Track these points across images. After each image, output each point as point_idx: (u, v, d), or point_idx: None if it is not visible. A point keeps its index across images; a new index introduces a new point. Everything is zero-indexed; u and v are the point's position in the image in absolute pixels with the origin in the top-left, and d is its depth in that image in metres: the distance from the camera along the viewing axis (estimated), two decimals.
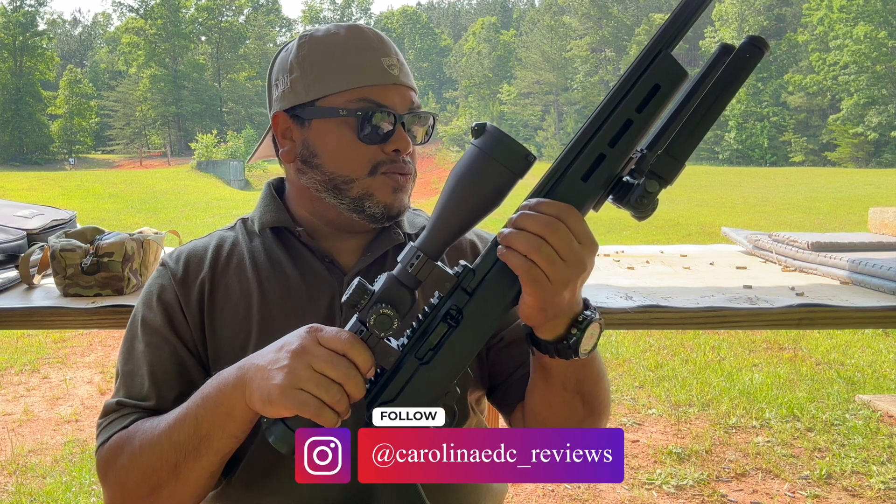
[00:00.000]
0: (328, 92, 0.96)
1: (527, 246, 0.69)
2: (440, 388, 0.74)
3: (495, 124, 0.72)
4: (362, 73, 0.95)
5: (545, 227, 0.69)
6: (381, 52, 0.97)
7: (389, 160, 0.96)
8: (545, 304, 0.72)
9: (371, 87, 0.95)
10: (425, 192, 26.82)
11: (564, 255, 0.70)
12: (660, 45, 0.69)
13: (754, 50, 0.70)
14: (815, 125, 41.21)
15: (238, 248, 1.03)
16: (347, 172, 0.96)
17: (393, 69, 0.97)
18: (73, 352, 4.99)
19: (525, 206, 0.72)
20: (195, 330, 0.97)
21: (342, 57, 0.96)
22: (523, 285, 0.71)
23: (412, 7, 73.43)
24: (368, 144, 0.95)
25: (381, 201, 0.96)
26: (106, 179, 27.80)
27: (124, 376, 0.97)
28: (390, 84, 0.96)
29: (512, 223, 0.71)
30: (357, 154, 0.95)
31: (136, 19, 52.77)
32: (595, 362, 0.86)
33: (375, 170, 0.95)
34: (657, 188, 0.69)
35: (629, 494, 2.73)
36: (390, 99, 0.96)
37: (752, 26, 43.87)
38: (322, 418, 0.72)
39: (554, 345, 0.77)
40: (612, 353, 4.73)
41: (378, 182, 0.96)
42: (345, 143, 0.95)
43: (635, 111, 0.69)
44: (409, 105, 0.98)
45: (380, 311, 0.72)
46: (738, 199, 18.11)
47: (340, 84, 0.95)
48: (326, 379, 0.72)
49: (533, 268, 0.70)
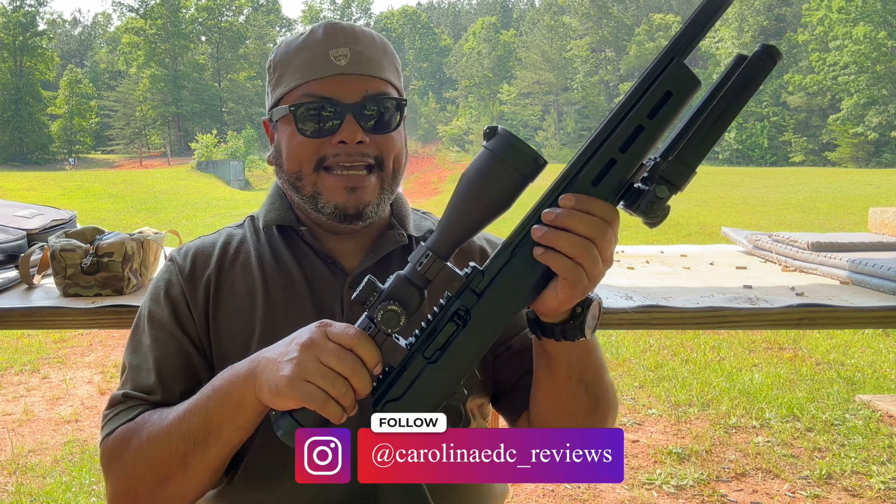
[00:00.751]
0: (284, 91, 0.97)
1: (576, 249, 0.70)
2: (447, 388, 0.75)
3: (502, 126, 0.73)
4: (307, 67, 0.95)
5: (595, 230, 0.70)
6: (330, 44, 0.95)
7: (334, 153, 0.94)
8: (576, 299, 0.73)
9: (314, 81, 0.94)
10: (425, 192, 26.87)
11: (607, 257, 0.71)
12: (673, 52, 0.69)
13: (767, 58, 0.70)
14: (815, 125, 41.21)
15: (245, 246, 1.03)
16: (297, 168, 0.96)
17: (339, 59, 0.94)
18: (73, 352, 4.99)
19: (571, 205, 0.70)
20: (200, 326, 0.98)
21: (297, 55, 0.97)
22: (562, 285, 0.72)
23: (412, 7, 73.44)
24: (312, 138, 0.94)
25: (331, 201, 0.95)
26: (106, 179, 27.80)
27: (131, 369, 0.97)
28: (334, 75, 0.94)
29: (554, 222, 0.70)
30: (302, 149, 0.95)
31: (136, 19, 52.78)
32: (596, 351, 0.87)
33: (320, 164, 0.95)
34: (667, 194, 0.70)
35: (629, 494, 2.73)
36: (333, 90, 0.94)
37: (752, 26, 43.88)
38: (327, 411, 0.72)
39: (561, 326, 0.78)
40: (612, 353, 4.73)
41: (325, 180, 0.95)
42: (292, 140, 0.96)
43: (647, 117, 0.69)
44: (361, 94, 0.94)
45: (387, 307, 0.72)
46: (738, 199, 18.11)
47: (291, 82, 0.96)
48: (333, 372, 0.73)
49: (578, 269, 0.70)
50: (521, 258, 0.73)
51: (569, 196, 0.70)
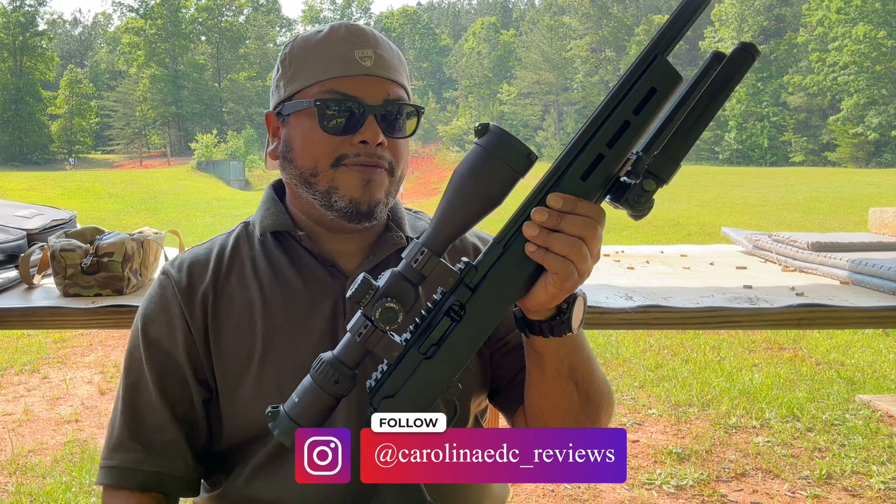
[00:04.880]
0: (302, 86, 0.96)
1: (569, 248, 0.72)
2: (442, 383, 0.75)
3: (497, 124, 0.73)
4: (331, 64, 0.95)
5: (586, 230, 0.72)
6: (355, 45, 0.95)
7: (354, 152, 0.94)
8: (565, 294, 0.75)
9: (339, 79, 0.94)
10: (425, 193, 26.84)
11: (595, 253, 0.74)
12: (656, 49, 0.71)
13: (745, 55, 0.72)
14: (815, 125, 41.19)
15: (239, 255, 1.02)
16: (313, 164, 0.95)
17: (365, 60, 0.95)
18: (73, 352, 4.99)
19: (559, 206, 0.72)
20: (199, 341, 0.97)
21: (317, 51, 0.96)
22: (554, 281, 0.74)
23: (412, 7, 73.37)
24: (333, 135, 0.94)
25: (347, 194, 0.94)
26: (106, 179, 27.78)
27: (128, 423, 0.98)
28: (360, 75, 0.94)
29: (546, 223, 0.72)
30: (322, 145, 0.94)
31: (136, 19, 52.73)
32: (584, 346, 0.88)
33: (339, 161, 0.94)
34: (654, 187, 0.72)
35: (629, 494, 2.73)
36: (359, 89, 0.94)
37: (752, 26, 43.87)
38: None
39: (548, 323, 0.79)
40: (612, 353, 4.73)
41: (342, 174, 0.94)
42: (311, 135, 0.95)
43: (632, 113, 0.71)
44: (384, 96, 0.95)
45: (385, 304, 0.72)
46: (738, 199, 18.11)
47: (312, 77, 0.95)
48: None
49: (569, 266, 0.73)
50: (513, 254, 0.74)
51: (557, 196, 0.72)
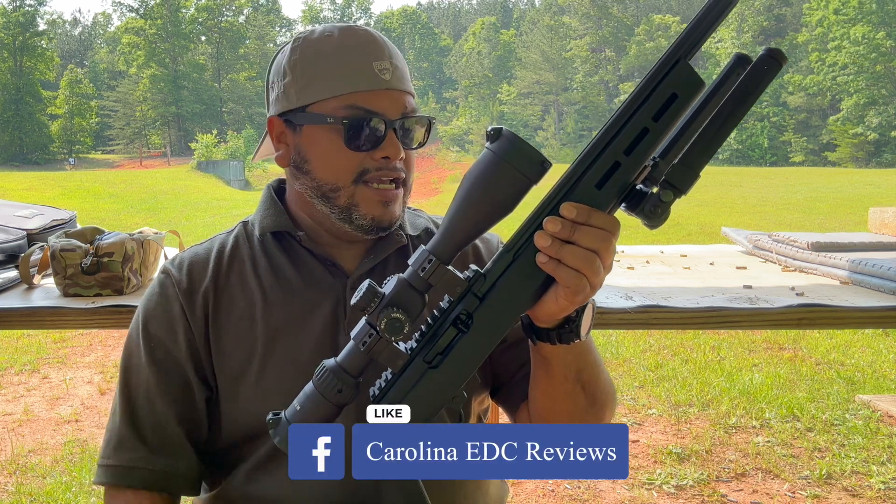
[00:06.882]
0: (318, 98, 0.94)
1: (581, 262, 0.70)
2: (447, 393, 0.73)
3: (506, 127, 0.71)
4: (352, 78, 0.93)
5: (600, 243, 0.70)
6: (373, 56, 0.94)
7: (377, 167, 0.93)
8: (576, 306, 0.74)
9: (360, 94, 0.93)
10: (425, 193, 26.83)
11: (608, 265, 0.72)
12: (678, 53, 0.68)
13: (772, 62, 0.69)
14: (815, 125, 41.21)
15: (239, 255, 1.01)
16: (334, 180, 0.94)
17: (384, 73, 0.94)
18: (73, 352, 4.99)
19: (573, 217, 0.70)
20: (200, 341, 0.97)
21: (332, 61, 0.94)
22: (565, 294, 0.71)
23: (412, 7, 73.33)
24: (356, 152, 0.93)
25: (368, 213, 0.94)
26: (106, 179, 27.79)
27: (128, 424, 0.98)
28: (381, 90, 0.94)
29: (559, 234, 0.70)
30: (345, 162, 0.93)
31: (136, 19, 52.73)
32: (592, 350, 0.87)
33: (361, 177, 0.93)
34: (672, 198, 0.69)
35: (629, 494, 2.73)
36: (380, 105, 0.93)
37: (752, 26, 43.90)
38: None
39: (556, 331, 0.78)
40: (612, 353, 4.73)
41: (364, 193, 0.94)
42: (333, 151, 0.93)
43: (652, 120, 0.68)
44: (401, 110, 0.95)
45: (391, 315, 0.70)
46: (738, 199, 18.11)
47: (330, 90, 0.93)
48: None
49: (581, 279, 0.70)
50: (524, 263, 0.72)
51: (571, 206, 0.70)
